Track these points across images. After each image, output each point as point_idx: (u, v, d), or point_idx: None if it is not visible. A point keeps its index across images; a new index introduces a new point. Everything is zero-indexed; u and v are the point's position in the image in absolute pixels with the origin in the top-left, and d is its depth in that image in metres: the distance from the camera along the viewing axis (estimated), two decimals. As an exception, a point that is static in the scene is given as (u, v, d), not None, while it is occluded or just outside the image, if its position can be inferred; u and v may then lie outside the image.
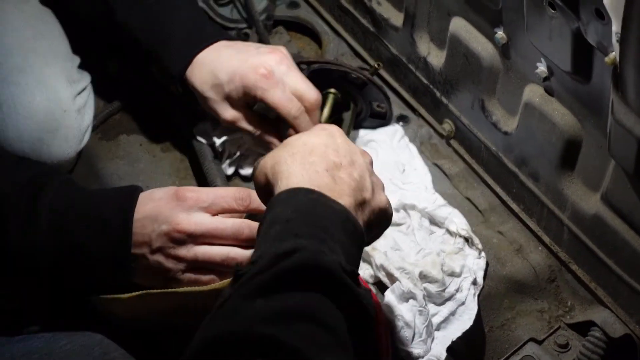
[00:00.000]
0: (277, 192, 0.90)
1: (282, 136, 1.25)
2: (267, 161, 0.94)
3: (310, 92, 1.21)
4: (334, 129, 0.98)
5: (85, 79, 1.32)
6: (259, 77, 1.19)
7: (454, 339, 1.13)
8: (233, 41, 1.26)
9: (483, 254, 1.20)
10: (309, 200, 0.87)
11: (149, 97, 1.39)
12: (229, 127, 1.26)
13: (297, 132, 1.20)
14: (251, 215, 1.08)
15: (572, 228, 1.17)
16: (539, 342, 1.17)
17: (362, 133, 1.35)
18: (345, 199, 0.89)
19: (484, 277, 1.20)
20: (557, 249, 1.22)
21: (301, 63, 1.29)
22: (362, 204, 0.92)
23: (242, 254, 1.02)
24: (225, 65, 1.21)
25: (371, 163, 0.99)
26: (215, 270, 1.02)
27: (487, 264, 1.21)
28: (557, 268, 1.23)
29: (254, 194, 1.04)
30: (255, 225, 1.04)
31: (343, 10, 1.47)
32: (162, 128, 1.39)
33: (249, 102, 1.24)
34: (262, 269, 0.79)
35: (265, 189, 0.94)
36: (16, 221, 0.99)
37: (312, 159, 0.91)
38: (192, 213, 1.00)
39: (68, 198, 1.01)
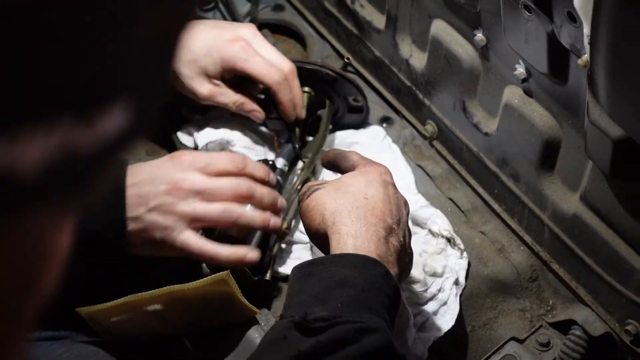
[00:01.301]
0: (338, 244, 0.91)
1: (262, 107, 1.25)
2: (327, 203, 0.95)
3: (285, 63, 1.22)
4: (388, 175, 1.01)
5: None
6: (238, 48, 1.19)
7: (435, 339, 1.14)
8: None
9: (465, 254, 1.21)
10: (379, 275, 0.89)
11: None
12: (208, 103, 1.24)
13: (278, 99, 1.21)
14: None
15: (553, 228, 1.18)
16: (521, 341, 1.18)
17: (344, 135, 1.35)
18: (394, 270, 0.93)
19: (466, 277, 1.21)
20: (538, 249, 1.23)
21: None
22: (402, 269, 0.97)
23: (240, 208, 1.04)
24: (199, 40, 1.20)
25: (408, 212, 1.02)
26: (213, 236, 1.05)
27: (469, 264, 1.22)
28: (539, 267, 1.24)
29: (248, 160, 1.06)
30: (252, 183, 1.06)
31: (327, 13, 1.48)
32: (147, 131, 1.39)
33: (225, 76, 1.22)
34: (346, 338, 0.82)
35: (318, 228, 0.95)
36: None
37: (374, 220, 0.93)
38: (188, 172, 1.03)
39: None
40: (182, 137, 1.32)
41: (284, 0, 1.56)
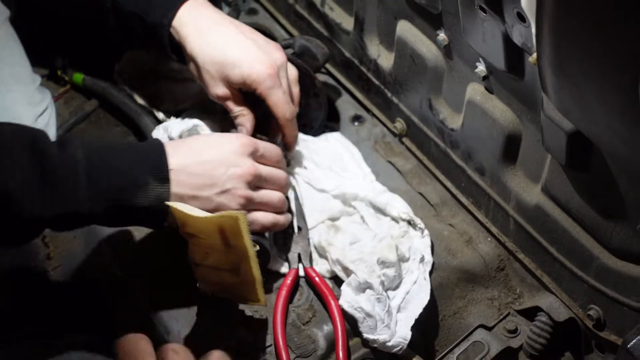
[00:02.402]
0: None
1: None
2: None
3: (295, 94, 1.28)
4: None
5: (46, 98, 1.35)
6: (266, 74, 1.20)
7: (416, 317, 1.17)
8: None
9: (426, 231, 1.25)
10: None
11: (113, 104, 1.44)
12: (214, 100, 1.26)
13: (284, 133, 1.26)
14: None
15: (517, 218, 1.23)
16: (489, 329, 1.23)
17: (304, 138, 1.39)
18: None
19: (432, 254, 1.24)
20: (504, 239, 1.28)
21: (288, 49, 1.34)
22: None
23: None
24: (232, 46, 1.22)
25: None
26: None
27: (432, 243, 1.25)
28: (506, 257, 1.28)
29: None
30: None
31: (298, 15, 1.52)
32: (128, 134, 1.43)
33: (242, 89, 1.24)
34: None
35: None
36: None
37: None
38: (250, 159, 1.13)
39: (92, 146, 1.06)
40: (157, 133, 1.34)
41: (257, 4, 1.60)
